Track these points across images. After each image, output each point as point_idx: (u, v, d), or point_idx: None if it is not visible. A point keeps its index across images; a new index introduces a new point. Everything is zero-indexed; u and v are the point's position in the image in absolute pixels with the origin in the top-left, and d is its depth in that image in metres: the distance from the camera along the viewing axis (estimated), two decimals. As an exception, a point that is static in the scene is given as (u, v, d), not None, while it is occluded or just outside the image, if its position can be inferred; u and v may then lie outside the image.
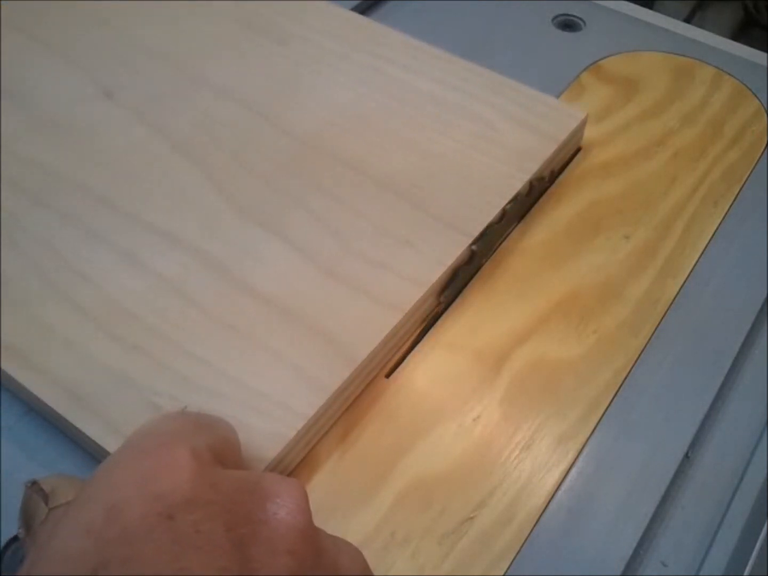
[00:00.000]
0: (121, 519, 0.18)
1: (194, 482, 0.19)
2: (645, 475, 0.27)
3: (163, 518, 0.18)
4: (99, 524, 0.18)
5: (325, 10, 0.40)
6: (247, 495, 0.20)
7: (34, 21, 0.39)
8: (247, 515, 0.19)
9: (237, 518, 0.19)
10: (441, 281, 0.29)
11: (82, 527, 0.18)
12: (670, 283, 0.31)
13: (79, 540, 0.18)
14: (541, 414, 0.28)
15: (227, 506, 0.19)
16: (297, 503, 0.20)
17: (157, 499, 0.18)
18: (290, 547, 0.19)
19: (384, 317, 0.28)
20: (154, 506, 0.18)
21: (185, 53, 0.38)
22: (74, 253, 0.30)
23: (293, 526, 0.19)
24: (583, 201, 0.34)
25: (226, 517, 0.18)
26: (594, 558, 0.25)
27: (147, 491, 0.18)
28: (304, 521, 0.20)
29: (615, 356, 0.29)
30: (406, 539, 0.25)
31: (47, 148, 0.34)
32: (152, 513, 0.18)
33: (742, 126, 0.37)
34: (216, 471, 0.20)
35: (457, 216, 0.31)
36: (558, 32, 0.43)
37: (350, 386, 0.27)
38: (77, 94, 0.36)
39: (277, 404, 0.26)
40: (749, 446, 0.28)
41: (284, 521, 0.19)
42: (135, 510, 0.18)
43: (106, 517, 0.18)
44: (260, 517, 0.19)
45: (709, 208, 0.34)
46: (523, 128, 0.34)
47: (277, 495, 0.20)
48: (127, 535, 0.17)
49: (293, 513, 0.19)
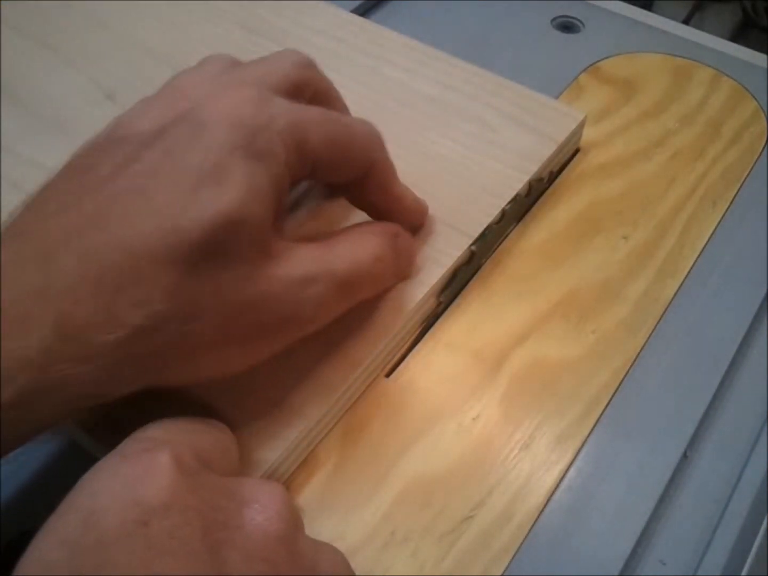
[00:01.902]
0: (98, 527, 0.18)
1: (172, 488, 0.18)
2: (643, 474, 0.27)
3: (139, 525, 0.18)
4: (76, 533, 0.18)
5: (325, 11, 0.40)
6: (225, 500, 0.19)
7: (35, 22, 0.40)
8: (224, 521, 0.19)
9: (214, 523, 0.19)
10: (441, 282, 0.29)
11: (59, 537, 0.18)
12: (668, 283, 0.32)
13: (56, 550, 0.18)
14: (540, 413, 0.28)
15: (204, 511, 0.19)
16: (275, 509, 0.20)
17: (134, 505, 0.18)
18: (266, 554, 0.19)
19: (385, 319, 0.28)
20: (131, 513, 0.18)
21: (186, 54, 0.38)
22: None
23: (269, 533, 0.19)
24: (582, 201, 0.34)
25: (202, 522, 0.18)
26: (593, 557, 0.25)
27: (125, 498, 0.18)
28: (281, 528, 0.19)
29: (614, 356, 0.29)
30: (405, 538, 0.25)
31: (48, 150, 0.34)
32: (129, 520, 0.18)
33: (741, 127, 0.37)
34: (197, 476, 0.19)
35: (456, 217, 0.31)
36: (557, 34, 0.43)
37: (351, 387, 0.27)
38: (79, 95, 0.36)
39: (278, 405, 0.26)
40: (748, 445, 0.28)
41: (260, 527, 0.19)
42: (112, 517, 0.18)
43: (84, 526, 0.18)
44: (237, 523, 0.19)
45: (707, 208, 0.34)
46: (522, 129, 0.34)
47: (256, 500, 0.20)
48: (102, 543, 0.17)
49: (270, 519, 0.19)
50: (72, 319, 0.19)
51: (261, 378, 0.26)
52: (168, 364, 0.21)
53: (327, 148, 0.23)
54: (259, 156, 0.21)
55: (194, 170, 0.20)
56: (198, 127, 0.21)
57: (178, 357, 0.21)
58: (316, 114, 0.23)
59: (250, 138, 0.21)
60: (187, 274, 0.20)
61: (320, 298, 0.23)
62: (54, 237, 0.20)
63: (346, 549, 0.24)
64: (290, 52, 0.26)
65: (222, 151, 0.21)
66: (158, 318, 0.20)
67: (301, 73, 0.25)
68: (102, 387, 0.20)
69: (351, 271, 0.24)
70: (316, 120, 0.23)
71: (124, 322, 0.19)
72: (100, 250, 0.19)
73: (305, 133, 0.22)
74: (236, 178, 0.21)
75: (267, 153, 0.21)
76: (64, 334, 0.19)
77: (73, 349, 0.19)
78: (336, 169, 0.25)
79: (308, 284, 0.23)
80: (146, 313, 0.19)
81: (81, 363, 0.19)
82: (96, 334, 0.19)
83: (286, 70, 0.25)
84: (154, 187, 0.20)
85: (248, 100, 0.22)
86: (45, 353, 0.18)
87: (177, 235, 0.20)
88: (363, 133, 0.25)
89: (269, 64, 0.25)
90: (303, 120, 0.23)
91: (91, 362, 0.19)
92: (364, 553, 0.24)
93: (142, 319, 0.19)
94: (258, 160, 0.21)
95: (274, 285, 0.22)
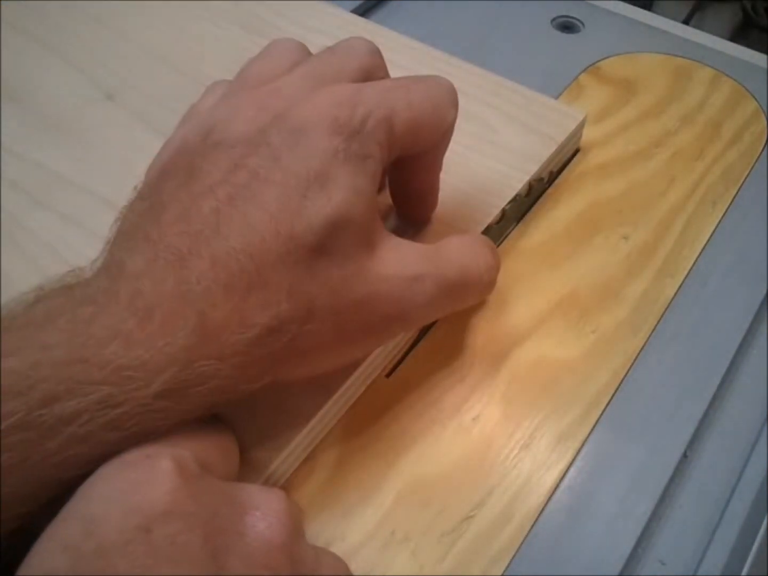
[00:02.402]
0: (99, 533, 0.18)
1: (173, 494, 0.18)
2: (643, 475, 0.27)
3: (140, 531, 0.18)
4: (77, 540, 0.18)
5: (325, 11, 0.40)
6: (227, 507, 0.19)
7: (35, 22, 0.40)
8: (226, 527, 0.19)
9: (215, 530, 0.19)
10: None
11: (60, 544, 0.18)
12: (668, 283, 0.32)
13: (56, 556, 0.18)
14: (540, 413, 0.28)
15: (206, 518, 0.19)
16: (277, 516, 0.20)
17: (135, 512, 0.18)
18: (267, 561, 0.19)
19: None
20: (132, 519, 0.18)
21: (186, 54, 0.38)
22: (75, 254, 0.30)
23: (270, 540, 0.19)
24: (582, 201, 0.34)
25: (204, 528, 0.18)
26: (592, 557, 0.25)
27: (126, 504, 0.18)
28: (282, 535, 0.19)
29: (614, 356, 0.29)
30: (405, 538, 0.25)
31: (48, 149, 0.34)
32: (130, 526, 0.18)
33: (741, 127, 0.37)
34: (198, 482, 0.19)
35: (456, 216, 0.31)
36: (557, 34, 0.43)
37: (351, 387, 0.27)
38: (78, 95, 0.36)
39: (279, 406, 0.26)
40: (747, 446, 0.28)
41: (261, 534, 0.19)
42: (113, 524, 0.18)
43: (85, 532, 0.18)
44: (238, 530, 0.19)
45: (707, 208, 0.34)
46: (522, 129, 0.34)
47: (257, 508, 0.20)
48: (103, 550, 0.17)
49: (272, 526, 0.19)
50: (210, 320, 0.20)
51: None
52: (288, 362, 0.22)
53: (412, 131, 0.24)
54: (358, 158, 0.23)
55: (301, 177, 0.22)
56: (298, 132, 0.22)
57: (297, 356, 0.22)
58: (401, 96, 0.24)
59: (348, 141, 0.22)
60: (303, 276, 0.21)
61: (428, 299, 0.24)
62: (183, 244, 0.21)
63: (346, 549, 0.24)
64: (361, 41, 0.26)
65: (325, 156, 0.22)
66: (282, 318, 0.21)
67: (373, 61, 0.26)
68: (233, 384, 0.21)
69: (460, 275, 0.25)
70: (401, 103, 0.24)
71: (253, 323, 0.21)
72: (230, 257, 0.21)
73: (392, 124, 0.24)
74: (340, 181, 0.22)
75: (363, 155, 0.23)
76: (203, 334, 0.20)
77: (211, 348, 0.20)
78: (417, 144, 0.25)
79: (417, 284, 0.24)
80: (272, 314, 0.21)
81: (217, 361, 0.20)
82: (230, 335, 0.20)
83: (361, 59, 0.26)
84: (266, 193, 0.21)
85: (342, 101, 0.23)
86: (188, 351, 0.20)
87: (293, 241, 0.21)
88: (445, 95, 0.25)
89: (344, 54, 0.26)
90: (390, 111, 0.23)
91: (225, 360, 0.20)
92: (364, 553, 0.25)
93: (269, 319, 0.21)
94: (357, 161, 0.23)
95: (384, 283, 0.23)
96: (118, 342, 0.19)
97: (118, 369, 0.19)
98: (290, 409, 0.26)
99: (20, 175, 0.32)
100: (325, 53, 0.26)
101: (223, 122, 0.24)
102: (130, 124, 0.35)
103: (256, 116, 0.23)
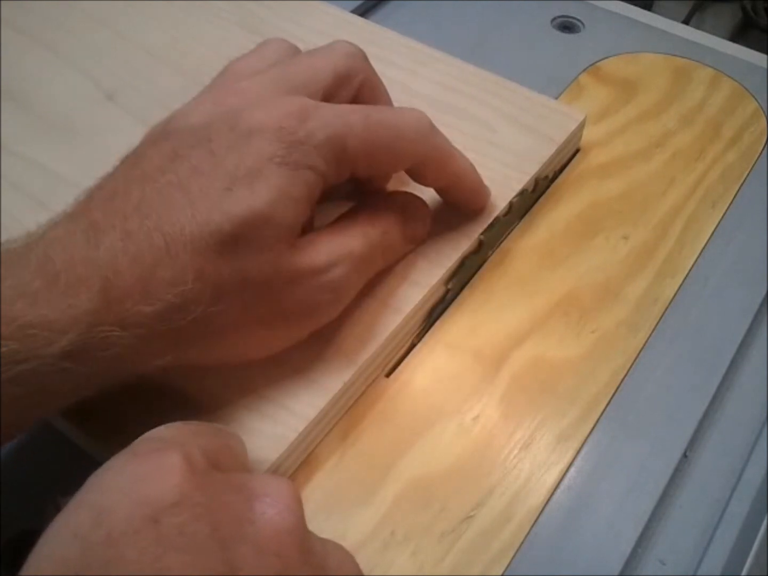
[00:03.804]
0: (108, 523, 0.18)
1: (182, 486, 0.19)
2: (643, 474, 0.27)
3: (149, 521, 0.18)
4: (86, 529, 0.18)
5: (325, 11, 0.40)
6: (235, 495, 0.19)
7: (35, 22, 0.40)
8: (235, 516, 0.19)
9: (224, 519, 0.19)
10: (450, 270, 0.29)
11: (70, 532, 0.18)
12: (668, 283, 0.32)
13: (66, 545, 0.18)
14: (540, 413, 0.28)
15: (214, 507, 0.19)
16: (286, 503, 0.20)
17: (144, 503, 0.18)
18: (277, 548, 0.19)
19: (387, 318, 0.28)
20: (141, 510, 0.18)
21: (186, 55, 0.38)
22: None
23: (281, 527, 0.19)
24: (582, 201, 0.34)
25: (212, 518, 0.18)
26: (593, 556, 0.25)
27: (135, 495, 0.18)
28: (292, 522, 0.19)
29: (614, 356, 0.29)
30: (405, 538, 0.25)
31: (48, 150, 0.34)
32: (138, 517, 0.18)
33: (741, 127, 0.37)
34: (206, 475, 0.20)
35: (456, 216, 0.31)
36: (557, 34, 0.43)
37: (351, 387, 0.27)
38: (79, 95, 0.36)
39: (279, 406, 0.26)
40: (747, 445, 0.28)
41: (272, 521, 0.19)
42: (122, 514, 0.18)
43: (94, 521, 0.18)
44: (248, 517, 0.19)
45: (707, 208, 0.34)
46: (522, 129, 0.34)
47: (266, 495, 0.20)
48: (111, 539, 0.18)
49: (282, 513, 0.19)
50: (114, 287, 0.21)
51: (260, 378, 0.26)
52: (195, 341, 0.23)
53: (367, 154, 0.25)
54: (294, 166, 0.23)
55: (230, 171, 0.23)
56: (243, 133, 0.24)
57: (205, 335, 0.23)
58: (358, 119, 0.25)
59: (288, 150, 0.23)
60: (215, 260, 0.22)
61: (341, 281, 0.25)
62: (103, 218, 0.22)
63: (346, 549, 0.24)
64: (342, 44, 0.28)
65: (260, 158, 0.23)
66: (186, 297, 0.22)
67: (349, 64, 0.27)
68: (137, 355, 0.22)
69: (364, 248, 0.26)
70: (358, 126, 0.25)
71: (157, 297, 0.22)
72: (141, 232, 0.22)
73: (345, 143, 0.25)
74: (270, 182, 0.23)
75: (302, 164, 0.24)
76: (106, 299, 0.21)
77: (113, 314, 0.21)
78: (379, 168, 0.27)
79: (330, 269, 0.25)
80: (176, 292, 0.22)
81: (120, 329, 0.21)
82: (133, 305, 0.21)
83: (335, 63, 0.27)
84: (195, 183, 0.23)
85: (293, 113, 0.24)
86: (91, 314, 0.21)
87: (209, 226, 0.22)
88: (409, 129, 0.26)
89: (321, 58, 0.27)
90: (343, 129, 0.25)
91: (128, 329, 0.21)
92: (364, 552, 0.25)
93: (173, 296, 0.22)
94: (292, 169, 0.23)
95: (298, 274, 0.24)
96: (23, 300, 0.20)
97: (23, 327, 0.20)
98: (290, 408, 0.26)
99: (20, 176, 0.32)
100: (304, 56, 0.27)
101: (182, 113, 0.26)
102: (130, 124, 0.34)
103: (210, 111, 0.25)
